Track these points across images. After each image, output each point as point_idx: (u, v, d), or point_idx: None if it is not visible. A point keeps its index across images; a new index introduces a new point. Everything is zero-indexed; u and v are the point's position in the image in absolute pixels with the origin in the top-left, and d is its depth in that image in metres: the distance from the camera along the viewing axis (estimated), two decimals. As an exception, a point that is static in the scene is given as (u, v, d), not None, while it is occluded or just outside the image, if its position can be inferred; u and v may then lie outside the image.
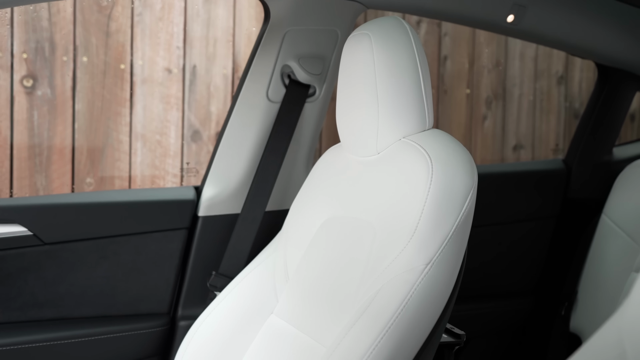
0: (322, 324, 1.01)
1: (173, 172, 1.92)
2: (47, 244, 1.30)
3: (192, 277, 1.41)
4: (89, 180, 1.82)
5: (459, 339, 1.04)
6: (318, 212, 1.12)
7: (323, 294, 1.03)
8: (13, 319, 1.30)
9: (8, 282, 1.29)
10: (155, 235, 1.38)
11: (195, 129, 1.94)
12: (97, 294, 1.35)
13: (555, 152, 2.43)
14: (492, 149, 2.35)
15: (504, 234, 1.73)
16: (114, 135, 1.85)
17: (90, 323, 1.34)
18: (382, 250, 0.95)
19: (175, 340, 1.39)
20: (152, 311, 1.39)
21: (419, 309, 0.88)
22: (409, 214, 0.92)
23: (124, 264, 1.36)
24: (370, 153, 1.06)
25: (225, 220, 1.42)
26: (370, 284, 0.93)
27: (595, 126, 1.78)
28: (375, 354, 0.85)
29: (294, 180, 1.47)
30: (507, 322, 1.76)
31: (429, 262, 0.89)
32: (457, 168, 0.94)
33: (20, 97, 1.75)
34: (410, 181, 0.95)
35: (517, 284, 1.77)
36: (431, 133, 1.02)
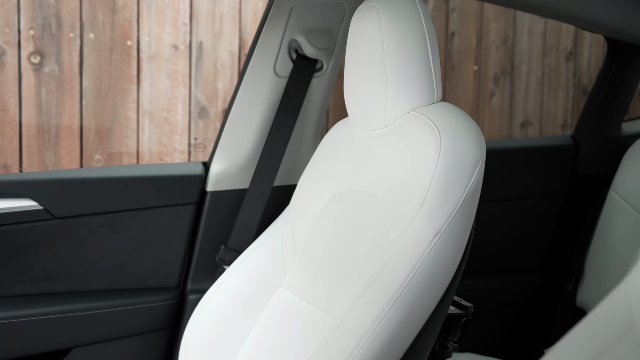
0: (330, 296, 1.02)
1: (180, 149, 1.93)
2: (57, 218, 1.32)
3: (201, 252, 1.42)
4: (97, 157, 1.83)
5: (466, 311, 1.05)
6: (326, 186, 1.13)
7: (331, 266, 1.04)
8: (26, 292, 1.32)
9: (20, 255, 1.30)
10: (164, 210, 1.39)
11: (202, 105, 1.94)
12: (107, 268, 1.37)
13: (563, 127, 2.42)
14: (500, 125, 2.34)
15: (511, 209, 1.74)
16: (122, 112, 1.85)
17: (101, 296, 1.35)
18: (390, 223, 0.95)
19: (185, 313, 1.41)
20: (161, 285, 1.41)
21: (427, 279, 0.88)
22: (417, 186, 0.93)
23: (134, 238, 1.38)
24: (378, 126, 1.06)
25: (233, 196, 1.43)
26: (379, 255, 0.94)
27: (604, 101, 1.77)
28: (383, 323, 0.86)
29: (302, 156, 1.47)
30: (514, 297, 1.77)
31: (437, 234, 0.90)
32: (465, 140, 0.94)
33: (28, 73, 1.75)
34: (418, 153, 0.95)
35: (524, 259, 1.77)
36: (439, 106, 1.02)
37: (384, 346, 0.86)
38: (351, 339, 0.86)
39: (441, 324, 0.97)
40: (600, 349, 0.50)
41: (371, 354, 0.85)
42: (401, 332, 0.87)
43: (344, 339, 0.87)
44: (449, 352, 1.04)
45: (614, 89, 1.76)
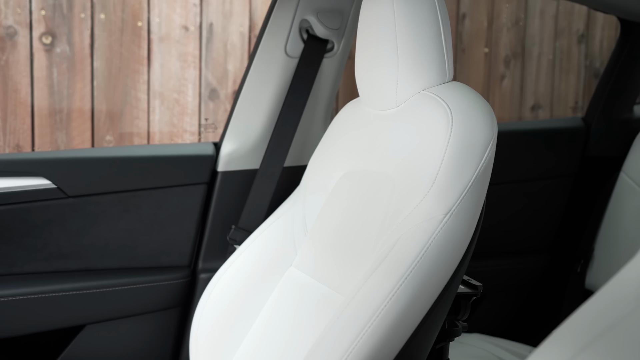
0: (340, 275, 1.03)
1: (191, 130, 1.94)
2: (70, 197, 1.33)
3: (212, 231, 1.43)
4: (108, 138, 1.84)
5: (475, 290, 1.06)
6: (336, 166, 1.13)
7: (342, 245, 1.05)
8: (40, 270, 1.33)
9: (34, 233, 1.32)
10: (175, 190, 1.40)
11: (212, 87, 1.94)
12: (119, 247, 1.38)
13: (574, 110, 2.40)
14: (510, 108, 2.33)
15: (521, 192, 1.74)
16: (132, 93, 1.86)
17: (114, 274, 1.37)
18: (401, 201, 0.96)
19: (196, 292, 1.43)
20: (173, 264, 1.43)
21: (437, 257, 0.89)
22: (428, 165, 0.93)
23: (146, 217, 1.39)
24: (389, 106, 1.06)
25: (244, 176, 1.44)
26: (389, 234, 0.94)
27: (616, 83, 1.76)
28: (393, 300, 0.86)
29: (312, 136, 1.48)
30: (523, 279, 1.77)
31: (448, 212, 0.90)
32: (477, 119, 0.94)
33: (39, 54, 1.76)
34: (429, 132, 0.95)
35: (534, 241, 1.78)
36: (451, 85, 1.01)
37: (394, 323, 0.87)
38: (362, 316, 0.87)
39: (451, 303, 0.97)
40: (610, 324, 0.50)
41: (381, 330, 0.86)
42: (411, 309, 0.88)
43: (354, 315, 0.88)
44: (458, 330, 1.05)
45: (627, 71, 1.75)
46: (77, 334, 1.36)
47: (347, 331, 0.87)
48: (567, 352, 0.50)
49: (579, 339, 0.51)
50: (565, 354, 0.50)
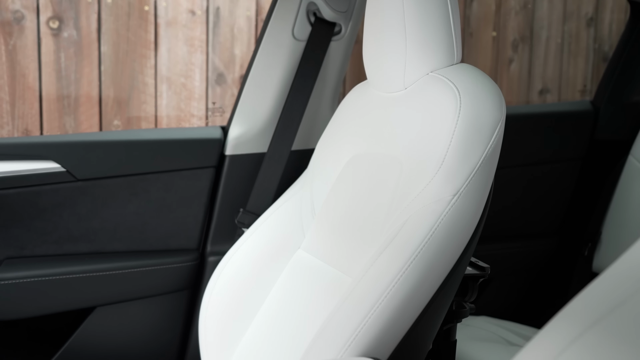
0: (349, 257, 1.03)
1: (198, 115, 1.94)
2: (80, 180, 1.34)
3: (220, 214, 1.44)
4: (116, 123, 1.85)
5: (483, 272, 1.06)
6: (344, 150, 1.13)
7: (350, 227, 1.05)
8: (50, 253, 1.35)
9: (44, 216, 1.33)
10: (183, 173, 1.41)
11: (219, 71, 1.94)
12: (128, 230, 1.39)
13: (582, 93, 2.39)
14: (518, 93, 2.32)
15: (529, 175, 1.73)
16: (140, 77, 1.86)
17: (123, 257, 1.38)
18: (409, 183, 0.96)
19: (205, 275, 1.44)
20: (181, 247, 1.44)
21: (446, 238, 0.89)
22: (436, 147, 0.93)
23: (154, 201, 1.40)
24: (397, 88, 1.05)
25: (251, 159, 1.44)
26: (397, 215, 0.95)
27: (625, 66, 1.75)
28: (401, 281, 0.87)
29: (320, 120, 1.48)
30: (530, 262, 1.77)
31: (456, 193, 0.90)
32: (485, 100, 0.94)
33: (47, 39, 1.76)
34: (437, 114, 0.95)
35: (542, 224, 1.78)
36: (459, 67, 1.01)
37: (402, 303, 0.87)
38: (370, 296, 0.87)
39: (458, 284, 0.98)
40: (618, 302, 0.50)
41: (389, 311, 0.87)
42: (419, 290, 0.88)
43: (362, 295, 0.88)
44: (465, 312, 1.06)
45: (636, 55, 1.74)
46: (87, 316, 1.38)
47: (355, 312, 0.87)
48: (575, 330, 0.50)
49: (586, 317, 0.51)
50: (573, 331, 0.50)
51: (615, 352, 0.46)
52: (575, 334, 0.50)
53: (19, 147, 1.31)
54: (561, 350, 0.50)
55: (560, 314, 0.54)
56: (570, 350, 0.49)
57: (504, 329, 1.51)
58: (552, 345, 0.50)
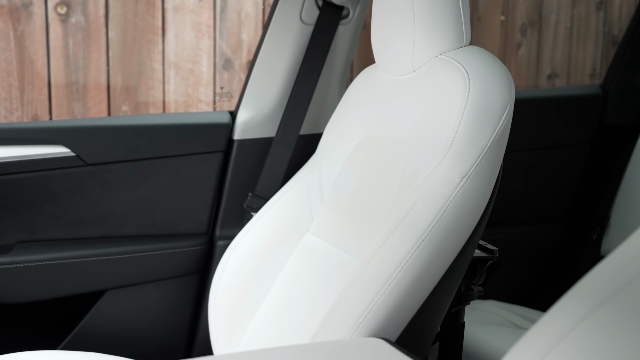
0: (357, 240, 1.04)
1: (206, 101, 1.94)
2: (89, 165, 1.35)
3: (229, 199, 1.45)
4: (124, 109, 1.85)
5: (492, 254, 1.06)
6: (352, 133, 1.13)
7: (358, 211, 1.06)
8: (61, 237, 1.36)
9: (54, 201, 1.34)
10: (192, 158, 1.41)
11: (227, 57, 1.94)
12: (138, 214, 1.40)
13: (592, 77, 2.38)
14: (526, 77, 2.31)
15: (537, 159, 1.73)
16: (147, 63, 1.86)
17: (133, 241, 1.39)
18: (418, 166, 0.96)
19: (214, 259, 1.45)
20: (190, 231, 1.44)
21: (454, 220, 0.89)
22: (445, 129, 0.93)
23: (163, 185, 1.40)
24: (405, 71, 1.05)
25: (260, 144, 1.45)
26: (406, 198, 0.95)
27: (635, 50, 1.73)
28: (411, 262, 0.87)
29: (328, 104, 1.48)
30: (538, 247, 1.77)
31: (465, 175, 0.90)
32: (494, 82, 0.94)
33: (55, 24, 1.77)
34: (446, 96, 0.95)
35: (550, 209, 1.77)
36: (468, 49, 1.01)
37: (410, 285, 0.88)
38: (379, 278, 0.88)
39: (467, 266, 0.98)
40: (628, 280, 0.50)
41: (398, 292, 0.87)
42: (428, 271, 0.88)
43: (371, 277, 0.89)
44: (473, 294, 1.06)
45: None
46: (98, 299, 1.39)
47: (364, 293, 0.88)
48: (585, 308, 0.51)
49: (595, 296, 0.51)
50: (582, 309, 0.51)
51: (626, 329, 0.46)
52: (585, 312, 0.50)
53: (30, 132, 1.32)
54: (571, 328, 0.50)
55: (570, 293, 0.54)
56: (580, 327, 0.49)
57: (512, 312, 1.52)
58: (562, 323, 0.51)
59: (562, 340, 0.50)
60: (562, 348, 0.49)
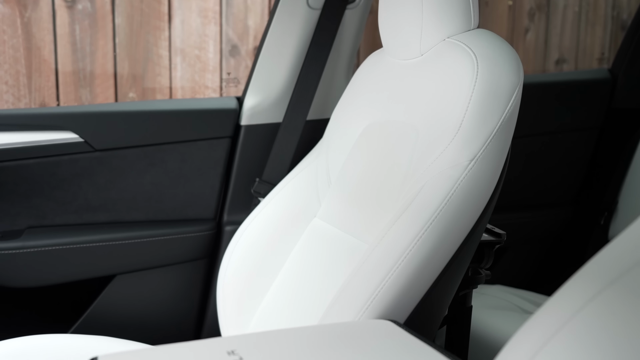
0: (365, 224, 1.04)
1: (212, 87, 1.94)
2: (97, 151, 1.35)
3: (236, 184, 1.45)
4: (131, 95, 1.86)
5: (499, 238, 1.06)
6: (360, 118, 1.13)
7: (366, 195, 1.06)
8: (70, 222, 1.37)
9: (63, 186, 1.35)
10: (199, 144, 1.42)
11: (233, 43, 1.93)
12: (146, 200, 1.41)
13: (600, 61, 2.36)
14: (534, 62, 2.29)
15: (545, 144, 1.72)
16: (154, 50, 1.86)
17: (141, 226, 1.40)
18: (426, 149, 0.96)
19: (222, 244, 1.45)
20: (198, 216, 1.45)
21: (462, 203, 0.89)
22: (453, 112, 0.93)
23: (171, 171, 1.41)
24: (413, 55, 1.05)
25: (267, 129, 1.45)
26: (414, 181, 0.95)
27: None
28: (418, 245, 0.87)
29: (335, 89, 1.48)
30: (546, 232, 1.77)
31: (473, 158, 0.90)
32: (502, 65, 0.93)
33: (61, 11, 1.76)
34: (454, 79, 0.95)
35: (558, 194, 1.77)
36: (476, 32, 1.00)
37: (418, 268, 0.88)
38: (387, 261, 0.88)
39: (474, 250, 0.98)
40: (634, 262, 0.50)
41: (406, 275, 0.87)
42: (435, 254, 0.89)
43: (379, 260, 0.89)
44: (481, 278, 1.06)
45: (656, 21, 1.71)
46: (108, 284, 1.40)
47: (372, 276, 0.88)
48: (593, 288, 0.51)
49: (604, 275, 0.51)
50: (590, 290, 0.51)
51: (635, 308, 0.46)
52: (594, 292, 0.50)
53: (38, 118, 1.32)
54: (580, 308, 0.50)
55: (578, 274, 0.54)
56: (589, 307, 0.50)
57: (519, 297, 1.52)
58: (571, 302, 0.51)
59: (571, 319, 0.50)
60: (571, 327, 0.49)
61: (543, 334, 0.50)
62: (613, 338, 0.45)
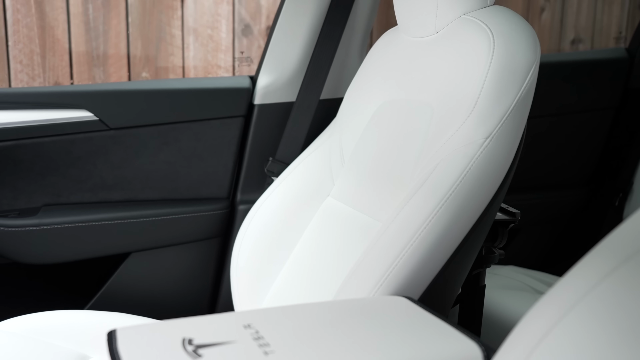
0: (379, 202, 1.04)
1: (225, 67, 1.94)
2: (112, 129, 1.36)
3: (250, 163, 1.46)
4: (144, 75, 1.86)
5: (513, 217, 1.06)
6: (374, 97, 1.13)
7: (380, 173, 1.06)
8: (86, 200, 1.38)
9: (79, 165, 1.36)
10: (213, 123, 1.42)
11: (245, 23, 1.93)
12: (160, 178, 1.42)
13: (617, 40, 2.33)
14: (549, 42, 2.27)
15: (560, 125, 1.71)
16: (167, 29, 1.86)
17: (156, 205, 1.41)
18: (440, 127, 0.95)
19: (235, 223, 1.46)
20: (212, 195, 1.46)
21: (477, 181, 0.89)
22: (468, 90, 0.92)
23: (185, 150, 1.41)
24: (428, 32, 1.04)
25: (280, 108, 1.45)
26: (428, 160, 0.95)
27: (663, 12, 1.69)
28: (433, 223, 0.87)
29: (348, 68, 1.47)
30: (560, 212, 1.77)
31: (489, 136, 0.90)
32: (519, 42, 0.92)
33: (74, -10, 1.76)
34: (470, 57, 0.94)
35: (572, 174, 1.76)
36: (492, 9, 0.99)
37: (432, 245, 0.88)
38: (401, 238, 0.88)
39: (489, 228, 0.98)
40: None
41: (420, 252, 0.87)
42: (450, 232, 0.89)
43: (394, 237, 0.89)
44: (494, 257, 1.06)
45: (675, -1, 1.68)
46: (123, 262, 1.42)
47: (386, 253, 0.88)
48: (609, 264, 0.51)
49: (620, 252, 0.51)
50: (606, 266, 0.51)
51: (652, 283, 0.46)
52: (609, 268, 0.50)
53: (54, 96, 1.33)
54: (595, 284, 0.50)
55: (594, 251, 0.54)
56: (604, 283, 0.49)
57: (532, 278, 1.52)
58: (587, 278, 0.51)
59: (586, 295, 0.50)
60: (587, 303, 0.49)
61: (559, 309, 0.50)
62: (629, 314, 0.45)
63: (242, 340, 0.66)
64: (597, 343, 0.46)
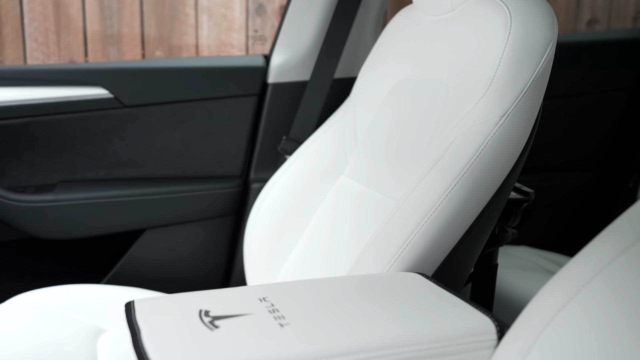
0: (393, 181, 1.04)
1: (238, 46, 1.94)
2: (127, 107, 1.37)
3: (263, 142, 1.46)
4: (158, 53, 1.86)
5: (527, 197, 1.06)
6: (388, 76, 1.12)
7: (394, 152, 1.06)
8: (101, 177, 1.39)
9: (94, 142, 1.37)
10: (227, 101, 1.42)
11: (259, 2, 1.92)
12: (175, 156, 1.43)
13: (635, 20, 2.30)
14: (565, 23, 2.24)
15: (575, 105, 1.70)
16: (181, 8, 1.85)
17: (170, 182, 1.42)
18: (456, 105, 0.95)
19: (249, 201, 1.47)
20: (226, 173, 1.47)
21: (492, 159, 0.89)
22: (484, 67, 0.92)
23: (199, 128, 1.42)
24: (444, 10, 1.03)
25: (294, 87, 1.45)
26: (443, 137, 0.94)
27: (683, -9, 1.67)
28: (447, 201, 0.88)
29: (363, 47, 1.46)
30: (573, 193, 1.76)
31: (504, 114, 0.89)
32: (537, 19, 0.92)
33: (89, -32, 1.76)
34: (487, 34, 0.93)
35: (586, 156, 1.75)
36: (510, -14, 0.98)
37: (446, 223, 0.88)
38: (415, 215, 0.89)
39: (502, 207, 0.98)
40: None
41: (434, 230, 0.88)
42: (464, 210, 0.89)
43: (408, 214, 0.89)
44: (507, 236, 1.06)
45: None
46: (137, 238, 1.43)
47: (400, 230, 0.89)
48: (624, 242, 0.51)
49: (635, 229, 0.51)
50: (621, 243, 0.51)
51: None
52: (624, 245, 0.50)
53: (69, 73, 1.34)
54: (610, 260, 0.50)
55: (609, 228, 0.54)
56: (619, 259, 0.50)
57: (545, 258, 1.52)
58: (602, 255, 0.51)
59: (602, 271, 0.50)
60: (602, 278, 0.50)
61: (574, 284, 0.50)
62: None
63: (258, 312, 0.67)
64: (612, 318, 0.46)
